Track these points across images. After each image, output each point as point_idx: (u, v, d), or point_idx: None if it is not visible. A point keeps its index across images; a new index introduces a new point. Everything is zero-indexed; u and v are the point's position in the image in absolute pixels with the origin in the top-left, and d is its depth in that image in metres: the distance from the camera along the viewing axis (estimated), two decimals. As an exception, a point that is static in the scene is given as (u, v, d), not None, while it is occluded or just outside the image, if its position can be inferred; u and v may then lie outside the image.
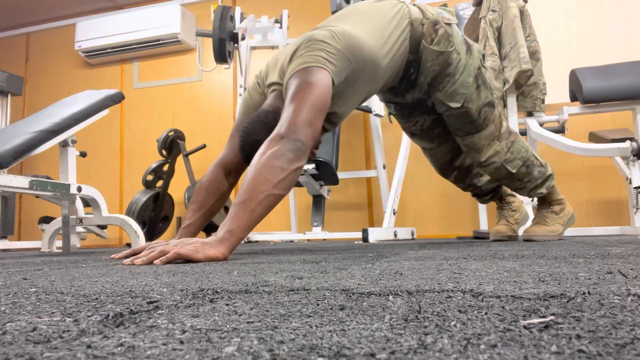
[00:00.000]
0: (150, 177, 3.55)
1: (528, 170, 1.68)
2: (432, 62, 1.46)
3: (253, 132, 1.27)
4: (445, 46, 1.45)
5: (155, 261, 0.96)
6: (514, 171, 1.65)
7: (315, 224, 2.96)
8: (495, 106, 1.61)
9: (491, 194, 1.96)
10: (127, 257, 1.23)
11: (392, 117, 1.83)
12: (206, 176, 1.42)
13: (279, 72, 1.34)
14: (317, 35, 1.28)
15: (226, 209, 3.31)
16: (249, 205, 1.05)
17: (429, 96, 1.56)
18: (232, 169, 1.43)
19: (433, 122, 1.75)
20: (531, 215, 2.29)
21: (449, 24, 1.47)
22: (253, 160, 1.11)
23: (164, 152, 3.60)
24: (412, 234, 3.04)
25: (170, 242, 1.05)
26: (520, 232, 2.12)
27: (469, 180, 1.87)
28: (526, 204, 2.31)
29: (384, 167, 3.31)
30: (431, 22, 1.44)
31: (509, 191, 1.96)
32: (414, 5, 1.50)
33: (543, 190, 1.74)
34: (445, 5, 1.60)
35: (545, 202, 1.82)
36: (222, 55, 3.00)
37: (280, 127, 1.14)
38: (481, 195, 1.96)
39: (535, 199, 1.88)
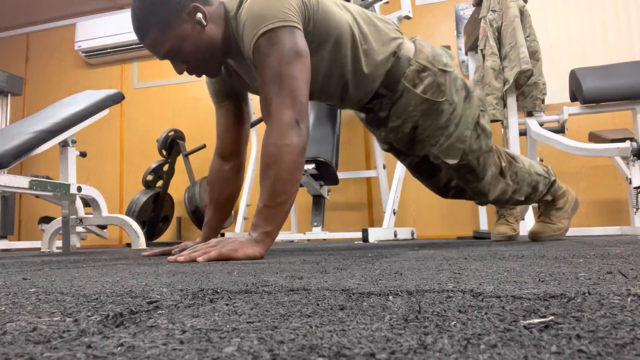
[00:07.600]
0: (150, 177, 3.55)
1: (534, 189, 1.62)
2: (414, 107, 1.31)
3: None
4: (433, 95, 1.30)
5: (198, 259, 1.00)
6: (522, 199, 1.59)
7: (315, 224, 2.96)
8: (492, 149, 1.47)
9: None
10: (162, 254, 1.33)
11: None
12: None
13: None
14: None
15: None
16: (284, 207, 1.08)
17: (413, 150, 1.42)
18: (227, 153, 1.43)
19: (422, 159, 1.59)
20: (531, 213, 2.28)
21: (444, 71, 1.31)
22: (276, 150, 1.06)
23: (164, 152, 3.60)
24: (412, 234, 3.04)
25: (210, 242, 1.08)
26: (525, 232, 2.11)
27: (467, 196, 1.75)
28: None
29: (384, 167, 3.31)
30: (418, 67, 1.29)
31: None
32: (413, 41, 1.36)
33: (549, 197, 1.71)
34: (447, 47, 1.44)
35: (549, 201, 1.80)
36: (222, 55, 2.99)
37: (292, 108, 1.08)
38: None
39: None
